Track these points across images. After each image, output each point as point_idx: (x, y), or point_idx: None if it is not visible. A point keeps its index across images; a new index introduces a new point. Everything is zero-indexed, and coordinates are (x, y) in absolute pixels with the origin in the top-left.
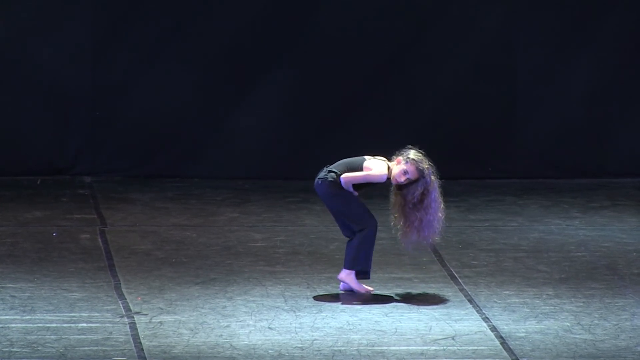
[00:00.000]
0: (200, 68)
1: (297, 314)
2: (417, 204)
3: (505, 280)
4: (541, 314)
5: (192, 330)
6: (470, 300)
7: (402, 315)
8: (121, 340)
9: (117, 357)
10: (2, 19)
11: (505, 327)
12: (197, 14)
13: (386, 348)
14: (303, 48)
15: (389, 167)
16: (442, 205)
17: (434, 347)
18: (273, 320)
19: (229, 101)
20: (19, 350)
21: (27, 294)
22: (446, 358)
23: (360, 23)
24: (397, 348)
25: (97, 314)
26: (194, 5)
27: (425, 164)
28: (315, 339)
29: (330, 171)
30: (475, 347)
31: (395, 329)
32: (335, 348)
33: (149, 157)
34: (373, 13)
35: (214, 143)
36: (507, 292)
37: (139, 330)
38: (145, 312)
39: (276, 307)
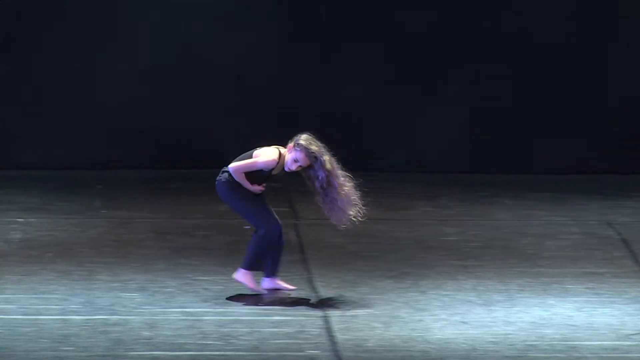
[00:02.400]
0: (397, 57)
1: (490, 308)
2: (327, 187)
3: None
4: None
5: (385, 324)
6: None
7: (595, 310)
8: (314, 333)
9: (310, 350)
10: (186, 15)
11: None
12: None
13: (579, 343)
14: (492, 43)
15: (280, 154)
16: (348, 179)
17: (627, 343)
18: (466, 314)
19: (418, 95)
20: (213, 342)
21: (220, 287)
22: None
23: (543, 22)
24: (590, 343)
25: (290, 307)
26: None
27: (315, 147)
28: (509, 334)
29: (224, 171)
30: None
31: (588, 324)
32: (529, 343)
33: (341, 150)
34: (561, 12)
35: (407, 136)
36: None
37: (332, 323)
38: (338, 306)
39: (469, 301)
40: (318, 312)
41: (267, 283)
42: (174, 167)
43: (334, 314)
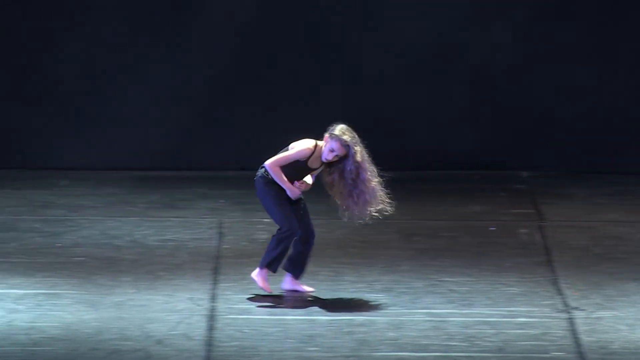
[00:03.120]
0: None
1: None
2: (355, 178)
3: None
4: None
5: (631, 327)
6: None
7: None
8: (559, 335)
9: (555, 352)
10: (437, 14)
11: None
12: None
13: None
14: None
15: (316, 144)
16: (375, 172)
17: None
18: None
19: None
20: (458, 344)
21: (465, 288)
22: None
23: None
24: None
25: (535, 309)
26: None
27: (347, 136)
28: None
29: (261, 167)
30: None
31: None
32: None
33: (584, 152)
34: None
35: None
36: None
37: (577, 325)
38: (583, 308)
39: None
40: (563, 314)
41: (287, 284)
42: (418, 168)
43: (579, 316)
